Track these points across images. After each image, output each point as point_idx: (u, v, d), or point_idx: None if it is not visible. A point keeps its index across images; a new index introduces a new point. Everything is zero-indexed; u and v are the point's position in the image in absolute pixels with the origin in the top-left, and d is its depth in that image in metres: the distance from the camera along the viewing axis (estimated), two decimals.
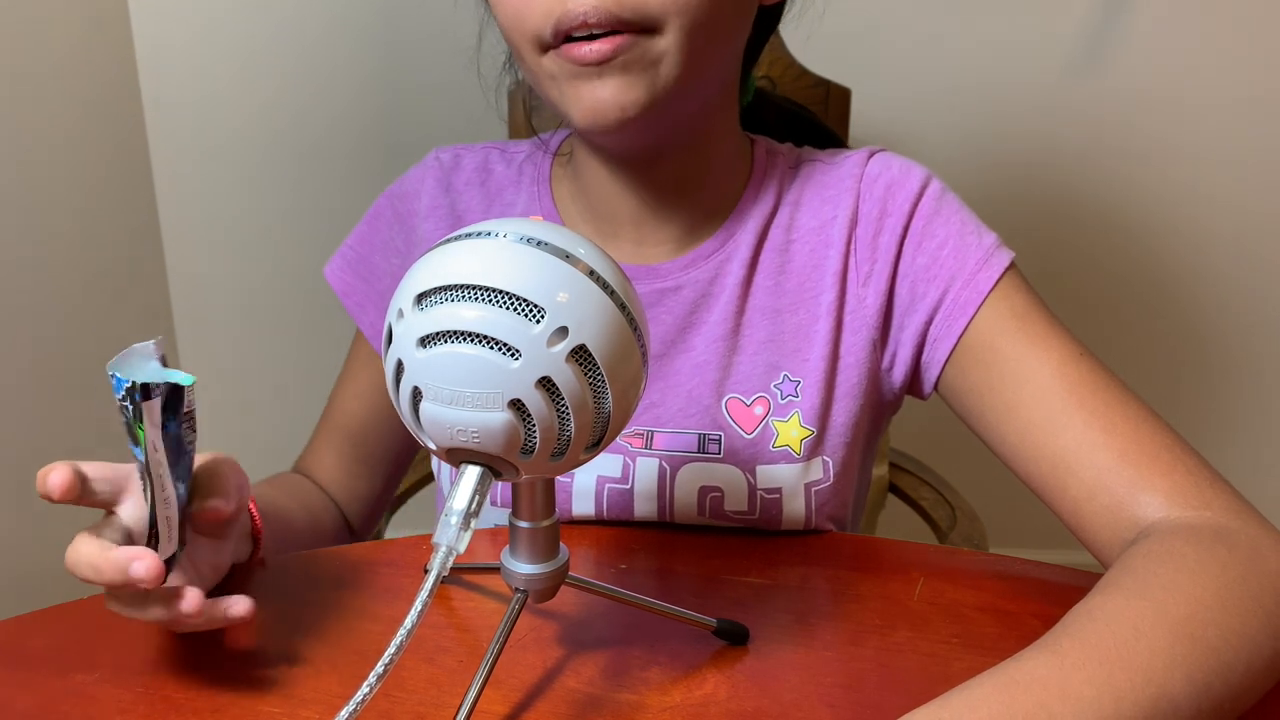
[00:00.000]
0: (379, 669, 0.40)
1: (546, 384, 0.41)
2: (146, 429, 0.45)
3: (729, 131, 0.68)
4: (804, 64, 1.02)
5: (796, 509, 0.65)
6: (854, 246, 0.67)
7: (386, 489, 0.80)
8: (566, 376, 0.41)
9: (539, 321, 0.40)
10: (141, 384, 0.45)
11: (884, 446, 1.16)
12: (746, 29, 0.64)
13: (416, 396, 0.42)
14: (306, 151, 1.49)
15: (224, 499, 0.51)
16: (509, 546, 0.48)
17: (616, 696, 0.49)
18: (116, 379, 0.45)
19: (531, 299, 0.40)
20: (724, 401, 0.66)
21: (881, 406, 0.70)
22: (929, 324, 0.65)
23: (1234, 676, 0.44)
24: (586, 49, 0.56)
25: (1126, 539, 0.54)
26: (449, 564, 0.42)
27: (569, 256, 0.42)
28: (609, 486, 0.66)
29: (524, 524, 0.47)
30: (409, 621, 0.40)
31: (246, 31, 1.44)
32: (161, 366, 0.49)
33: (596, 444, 0.44)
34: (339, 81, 1.47)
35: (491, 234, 0.42)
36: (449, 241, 0.43)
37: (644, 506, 0.66)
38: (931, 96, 1.45)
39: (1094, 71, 1.43)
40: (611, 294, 0.42)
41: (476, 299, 0.40)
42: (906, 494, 1.15)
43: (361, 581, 0.59)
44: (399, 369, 0.42)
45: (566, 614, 0.56)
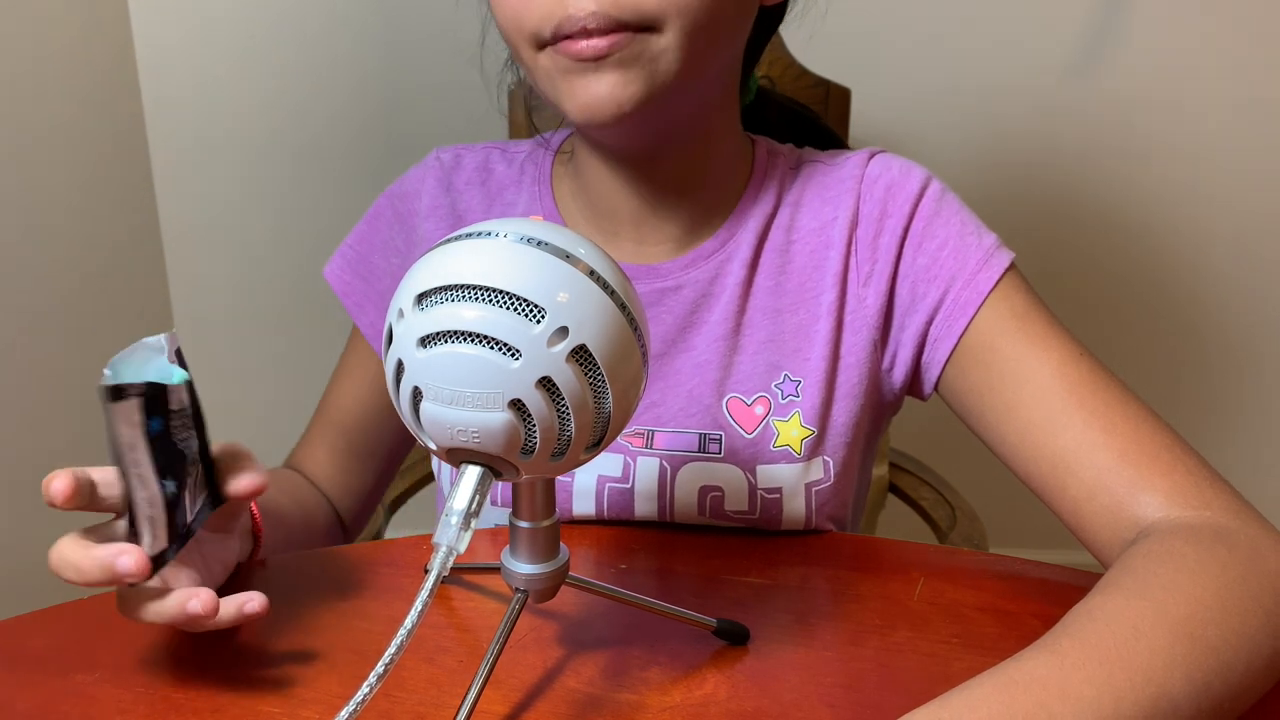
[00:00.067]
0: (379, 669, 0.40)
1: (547, 384, 0.41)
2: (121, 428, 0.45)
3: (729, 131, 0.68)
4: (804, 64, 1.02)
5: (797, 509, 0.65)
6: (854, 247, 0.67)
7: (379, 485, 0.80)
8: (567, 376, 0.41)
9: (539, 321, 0.40)
10: (113, 385, 0.44)
11: (884, 446, 1.16)
12: (747, 29, 0.64)
13: (417, 396, 0.42)
14: (306, 151, 1.49)
15: (253, 474, 0.52)
16: (509, 546, 0.48)
17: (616, 696, 0.49)
18: (104, 376, 0.45)
19: (532, 299, 0.40)
20: (724, 401, 0.66)
21: (882, 407, 0.70)
22: (929, 324, 0.65)
23: (1234, 676, 0.44)
24: (584, 44, 0.56)
25: (1126, 539, 0.54)
26: (449, 564, 0.42)
27: (569, 256, 0.42)
28: (609, 486, 0.66)
29: (524, 524, 0.47)
30: (409, 621, 0.40)
31: (246, 31, 1.44)
32: (169, 362, 0.49)
33: (597, 444, 0.44)
34: (339, 81, 1.47)
35: (492, 234, 0.42)
36: (449, 241, 0.43)
37: (644, 506, 0.66)
38: (931, 96, 1.46)
39: (1094, 72, 1.43)
40: (612, 294, 0.42)
41: (477, 299, 0.40)
42: (906, 494, 1.15)
43: (361, 581, 0.59)
44: (399, 369, 0.42)
45: (566, 614, 0.56)
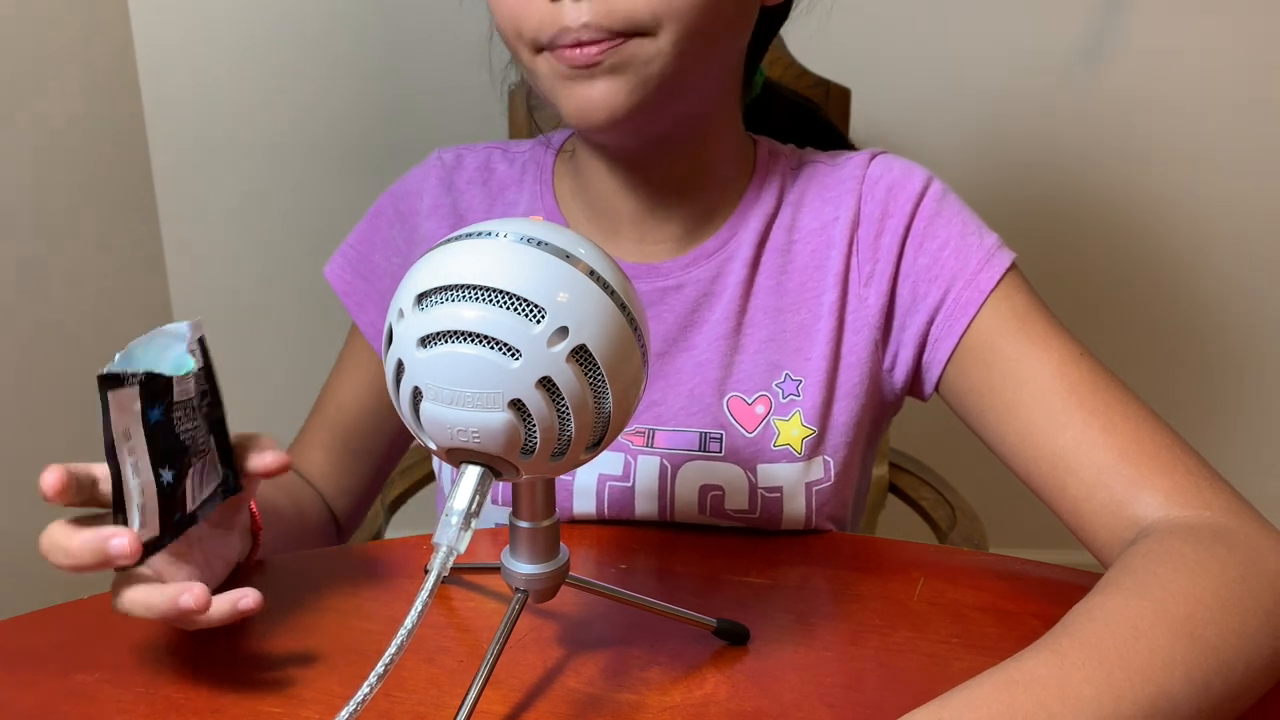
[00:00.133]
0: (379, 669, 0.40)
1: (547, 384, 0.41)
2: (117, 415, 0.45)
3: (730, 131, 0.68)
4: (804, 64, 1.02)
5: (797, 508, 0.65)
6: (856, 247, 0.67)
7: (374, 485, 0.80)
8: (567, 376, 0.41)
9: (539, 321, 0.40)
10: (109, 373, 0.45)
11: (884, 446, 1.16)
12: (746, 30, 0.64)
13: (417, 396, 0.42)
14: (306, 151, 1.49)
15: (276, 451, 0.54)
16: (509, 546, 0.48)
17: (616, 696, 0.49)
18: (113, 362, 0.45)
19: (532, 299, 0.40)
20: (725, 400, 0.66)
21: (883, 407, 0.70)
22: (930, 324, 0.65)
23: (1233, 675, 0.44)
24: (577, 52, 0.57)
25: (1126, 538, 0.54)
26: (449, 564, 0.42)
27: (569, 256, 0.42)
28: (610, 484, 0.66)
29: (524, 524, 0.47)
30: (409, 621, 0.40)
31: (246, 31, 1.44)
32: (185, 352, 0.49)
33: (597, 444, 0.44)
34: (339, 81, 1.47)
35: (492, 234, 0.42)
36: (449, 241, 0.43)
37: (645, 505, 0.66)
38: (931, 96, 1.45)
39: (1094, 72, 1.43)
40: (612, 294, 0.42)
41: (477, 299, 0.40)
42: (906, 494, 1.15)
43: (361, 581, 0.59)
44: (399, 369, 0.42)
45: (566, 614, 0.56)
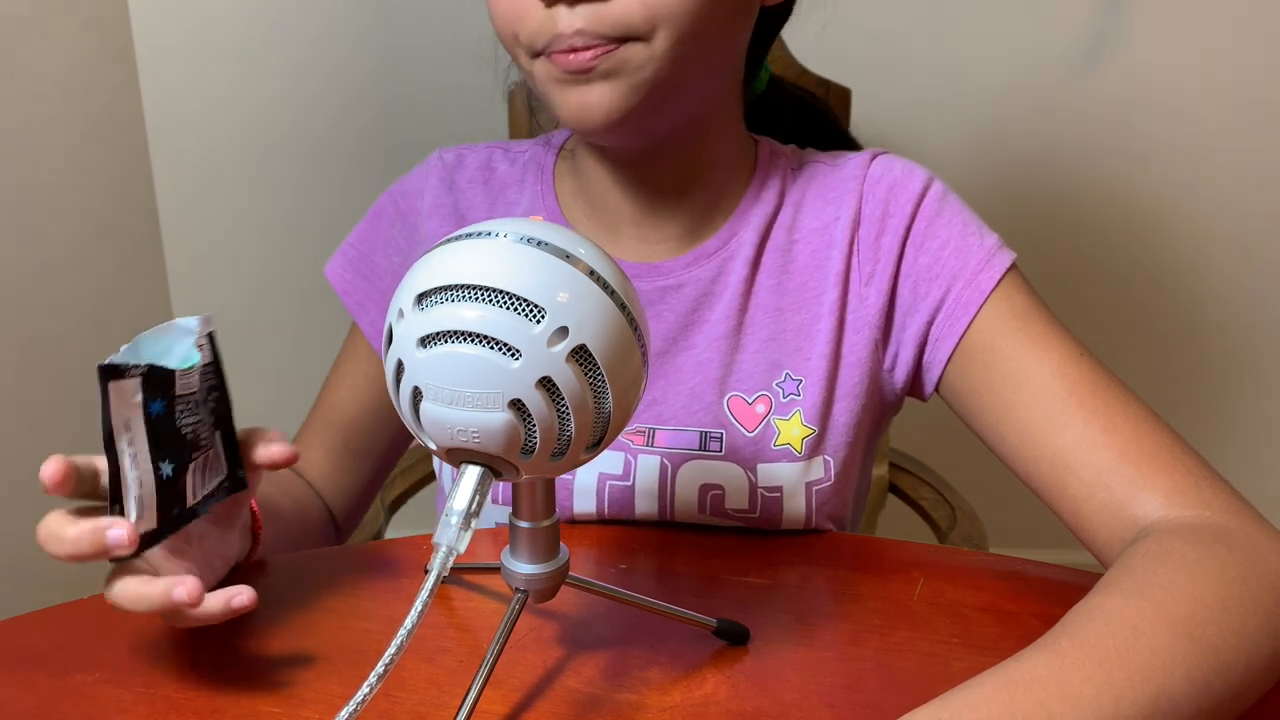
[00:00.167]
0: (379, 669, 0.40)
1: (547, 384, 0.41)
2: (117, 407, 0.45)
3: (730, 131, 0.69)
4: (804, 64, 1.02)
5: (797, 508, 0.65)
6: (856, 247, 0.67)
7: (373, 485, 0.80)
8: (567, 376, 0.41)
9: (539, 321, 0.40)
10: (110, 365, 0.45)
11: (884, 446, 1.16)
12: (745, 32, 0.64)
13: (417, 396, 0.42)
14: (307, 152, 1.49)
15: (280, 444, 0.54)
16: (509, 546, 0.48)
17: (616, 696, 0.49)
18: (118, 353, 0.45)
19: (532, 299, 0.40)
20: (726, 399, 0.66)
21: (883, 407, 0.70)
22: (930, 324, 0.65)
23: (1233, 675, 0.44)
24: (571, 57, 0.57)
25: (1126, 538, 0.54)
26: (449, 564, 0.42)
27: (569, 256, 0.42)
28: (610, 484, 0.66)
29: (524, 524, 0.47)
30: (409, 621, 0.40)
31: (246, 31, 1.44)
32: (192, 346, 0.49)
33: (597, 444, 0.44)
34: (339, 81, 1.47)
35: (492, 234, 0.42)
36: (449, 241, 0.43)
37: (645, 504, 0.66)
38: (931, 96, 1.45)
39: (1094, 72, 1.43)
40: (612, 294, 0.42)
41: (477, 299, 0.40)
42: (906, 494, 1.15)
43: (361, 581, 0.59)
44: (399, 369, 0.42)
45: (566, 614, 0.56)
